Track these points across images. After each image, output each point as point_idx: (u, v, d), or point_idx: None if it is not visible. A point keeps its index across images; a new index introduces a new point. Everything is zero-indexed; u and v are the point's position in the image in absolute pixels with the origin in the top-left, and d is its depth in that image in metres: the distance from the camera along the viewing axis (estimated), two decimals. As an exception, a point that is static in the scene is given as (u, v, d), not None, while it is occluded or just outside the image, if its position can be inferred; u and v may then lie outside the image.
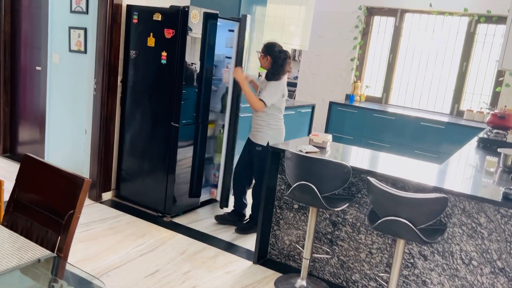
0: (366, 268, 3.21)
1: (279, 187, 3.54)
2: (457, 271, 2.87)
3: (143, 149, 4.22)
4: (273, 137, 3.88)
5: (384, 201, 2.63)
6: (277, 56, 3.81)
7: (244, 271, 3.42)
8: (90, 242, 3.55)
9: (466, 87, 6.22)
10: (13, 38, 5.08)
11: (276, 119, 3.90)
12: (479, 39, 6.04)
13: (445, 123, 5.82)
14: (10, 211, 2.01)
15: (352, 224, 3.24)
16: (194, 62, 3.97)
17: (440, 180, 2.98)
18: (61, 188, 1.91)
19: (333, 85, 7.00)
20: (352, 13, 6.72)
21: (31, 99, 5.05)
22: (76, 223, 1.83)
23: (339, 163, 2.88)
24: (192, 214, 4.34)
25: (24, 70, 5.06)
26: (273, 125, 3.89)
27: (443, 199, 2.50)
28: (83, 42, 4.37)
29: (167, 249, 3.59)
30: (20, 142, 5.28)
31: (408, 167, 3.29)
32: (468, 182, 3.07)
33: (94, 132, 4.27)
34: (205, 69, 4.04)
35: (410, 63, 6.56)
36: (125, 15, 4.11)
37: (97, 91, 4.17)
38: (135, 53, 4.09)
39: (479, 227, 2.77)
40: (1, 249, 1.73)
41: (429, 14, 6.27)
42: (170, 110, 3.97)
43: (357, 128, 6.37)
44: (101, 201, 4.36)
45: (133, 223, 3.98)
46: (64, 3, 4.45)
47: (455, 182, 3.06)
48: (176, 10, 3.81)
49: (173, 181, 4.04)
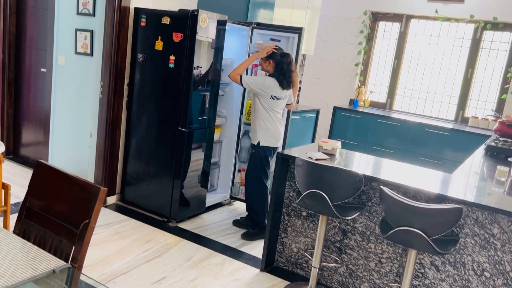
0: (376, 278, 3.18)
1: (288, 194, 3.51)
2: (469, 282, 2.84)
3: (149, 153, 4.18)
4: (264, 137, 3.89)
5: (398, 210, 2.60)
6: (280, 60, 3.79)
7: (251, 278, 3.38)
8: (95, 248, 3.51)
9: (471, 93, 6.20)
10: (18, 39, 5.03)
11: (266, 120, 3.87)
12: (485, 45, 6.03)
13: (449, 129, 5.81)
14: (22, 218, 1.97)
15: (361, 233, 3.21)
16: (200, 65, 3.94)
17: (452, 190, 2.96)
18: (75, 196, 1.87)
19: (337, 90, 6.98)
20: (357, 18, 6.71)
21: (35, 101, 5.00)
22: (91, 233, 1.79)
23: (352, 171, 2.85)
24: (197, 219, 4.30)
25: (28, 71, 5.02)
26: (263, 125, 3.88)
27: (458, 210, 2.47)
28: (90, 44, 4.33)
29: (173, 255, 3.55)
30: (23, 144, 5.23)
31: (418, 175, 3.26)
32: (480, 192, 3.05)
33: (100, 136, 4.23)
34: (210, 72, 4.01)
35: (415, 69, 6.55)
36: (133, 18, 4.07)
37: (103, 94, 4.13)
38: (143, 56, 4.06)
39: (492, 238, 2.74)
40: (15, 259, 1.69)
41: (435, 20, 6.26)
42: (177, 114, 3.93)
43: (361, 134, 6.34)
44: (106, 205, 4.32)
45: (139, 228, 3.94)
46: (70, 5, 4.42)
47: (467, 192, 3.03)
48: (185, 14, 3.78)
49: (179, 186, 4.01)
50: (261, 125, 3.87)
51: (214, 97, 4.13)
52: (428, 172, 3.36)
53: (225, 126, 4.61)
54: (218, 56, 4.01)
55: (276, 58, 3.79)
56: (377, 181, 3.01)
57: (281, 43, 4.17)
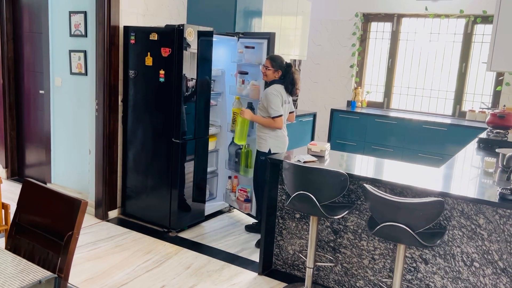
0: (370, 274, 3.23)
1: (280, 197, 3.58)
2: (460, 273, 2.88)
3: (146, 166, 4.29)
4: (275, 145, 3.98)
5: (381, 207, 2.66)
6: (286, 69, 3.97)
7: (249, 282, 3.45)
8: (97, 261, 3.61)
9: (467, 87, 6.22)
10: (16, 63, 5.20)
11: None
12: (477, 39, 6.06)
13: (447, 125, 5.83)
14: (12, 234, 2.08)
15: (353, 231, 3.26)
16: (193, 77, 4.05)
17: (437, 184, 3.00)
18: (60, 210, 1.96)
19: (334, 93, 7.04)
20: (349, 20, 6.78)
21: (36, 122, 5.15)
22: (75, 244, 1.88)
23: (336, 171, 2.91)
24: (197, 228, 4.39)
25: (28, 94, 5.18)
26: (273, 133, 3.97)
27: (439, 202, 2.52)
28: (84, 64, 4.47)
29: (173, 264, 3.63)
30: (27, 165, 5.38)
31: (406, 172, 3.31)
32: (466, 184, 3.09)
33: (98, 152, 4.34)
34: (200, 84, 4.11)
35: (410, 66, 6.59)
36: (123, 36, 4.20)
37: (99, 111, 4.25)
38: (134, 72, 4.18)
39: (479, 229, 2.78)
40: (4, 273, 1.78)
41: (426, 17, 6.31)
42: (170, 126, 4.03)
43: (359, 134, 6.39)
44: (108, 219, 4.43)
45: (139, 240, 4.03)
46: (63, 27, 4.57)
47: (453, 184, 3.08)
48: (171, 29, 3.89)
49: (177, 197, 4.10)
50: (271, 133, 3.97)
51: (204, 107, 4.23)
52: (416, 168, 3.40)
53: (220, 135, 4.71)
54: (204, 67, 4.11)
55: (283, 67, 3.97)
56: (365, 180, 3.06)
57: (255, 50, 4.27)
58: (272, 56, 4.03)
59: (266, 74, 3.98)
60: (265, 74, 3.99)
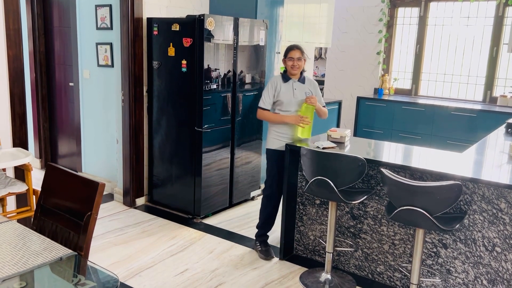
0: (390, 260, 3.22)
1: (300, 184, 3.60)
2: (481, 258, 2.84)
3: (171, 155, 4.39)
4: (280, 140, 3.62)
5: (398, 191, 2.65)
6: None
7: (270, 267, 3.50)
8: (124, 245, 3.74)
9: (498, 72, 6.04)
10: (47, 57, 5.40)
11: None
12: (508, 22, 5.86)
13: (477, 111, 5.69)
14: (38, 216, 2.20)
15: (373, 217, 3.26)
16: (218, 67, 4.10)
17: (458, 168, 2.95)
18: (80, 192, 2.07)
19: (361, 80, 6.97)
20: (375, 6, 6.68)
21: (67, 113, 5.35)
22: (94, 223, 1.98)
23: (353, 156, 2.91)
24: (221, 214, 4.47)
25: (59, 86, 5.37)
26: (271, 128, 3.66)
27: (457, 186, 2.49)
28: (110, 56, 4.60)
29: (196, 249, 3.72)
30: (60, 155, 5.59)
31: (428, 157, 3.28)
32: (488, 168, 3.03)
33: (125, 142, 4.48)
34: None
35: (438, 52, 6.44)
36: (146, 28, 4.30)
37: (125, 102, 4.37)
38: (158, 63, 4.27)
39: (500, 213, 2.73)
40: (29, 250, 1.90)
41: (455, 1, 6.14)
42: (193, 115, 4.11)
43: (387, 122, 6.32)
44: (135, 206, 4.57)
45: (165, 226, 4.15)
46: (90, 21, 4.71)
47: (474, 168, 3.02)
48: (192, 20, 3.95)
49: (200, 184, 4.18)
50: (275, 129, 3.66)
51: (232, 97, 4.28)
52: (438, 153, 3.36)
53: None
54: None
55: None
56: (384, 165, 3.05)
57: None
58: (296, 44, 3.58)
59: (299, 66, 3.51)
60: (298, 67, 3.50)
